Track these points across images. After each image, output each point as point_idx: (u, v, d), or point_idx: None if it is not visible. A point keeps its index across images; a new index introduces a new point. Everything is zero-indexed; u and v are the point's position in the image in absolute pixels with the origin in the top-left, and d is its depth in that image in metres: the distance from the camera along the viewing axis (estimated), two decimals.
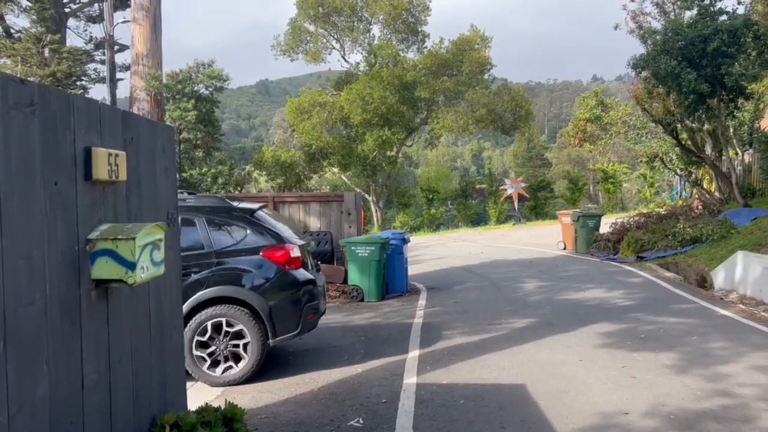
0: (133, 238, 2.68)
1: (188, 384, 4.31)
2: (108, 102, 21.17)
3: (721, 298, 9.37)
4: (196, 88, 20.98)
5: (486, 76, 26.61)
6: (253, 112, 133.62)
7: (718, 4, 15.65)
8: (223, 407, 3.57)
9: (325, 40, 27.17)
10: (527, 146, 63.58)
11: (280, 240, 6.47)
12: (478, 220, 34.46)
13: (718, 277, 10.32)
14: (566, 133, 34.02)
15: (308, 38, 26.82)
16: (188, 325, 5.91)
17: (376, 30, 27.22)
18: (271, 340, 6.16)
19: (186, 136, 20.88)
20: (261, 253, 6.31)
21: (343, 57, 27.90)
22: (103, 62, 24.18)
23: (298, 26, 26.43)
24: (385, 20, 26.03)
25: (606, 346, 6.77)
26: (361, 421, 4.71)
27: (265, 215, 6.69)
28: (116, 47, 22.06)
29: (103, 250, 2.69)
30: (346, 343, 7.46)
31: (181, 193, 6.36)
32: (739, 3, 17.39)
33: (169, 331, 3.43)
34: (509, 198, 33.97)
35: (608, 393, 5.17)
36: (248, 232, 6.41)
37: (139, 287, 2.99)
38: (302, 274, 6.50)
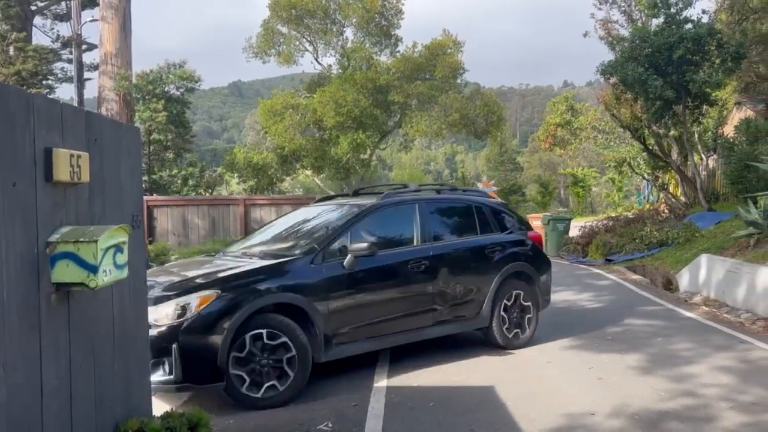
0: (95, 241, 2.63)
1: (154, 389, 4.25)
2: (75, 102, 20.75)
3: (686, 300, 9.57)
4: (166, 89, 20.68)
5: (459, 81, 26.75)
6: (225, 113, 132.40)
7: (684, 13, 16.05)
8: (189, 413, 3.52)
9: (297, 43, 27.02)
10: (499, 150, 64.16)
11: (529, 226, 7.77)
12: None
13: (683, 279, 10.55)
14: (537, 137, 34.46)
15: (281, 40, 26.63)
16: (496, 296, 6.76)
17: (349, 33, 27.20)
18: (540, 311, 7.24)
19: (156, 138, 20.57)
20: (529, 236, 7.43)
21: (316, 59, 27.79)
22: (70, 61, 23.73)
23: (271, 28, 26.23)
24: (358, 23, 26.01)
25: (574, 348, 6.86)
26: (330, 425, 4.69)
27: None
28: (84, 46, 21.66)
29: (63, 253, 2.63)
30: None
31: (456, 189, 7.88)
32: (703, 12, 17.88)
33: (133, 335, 3.37)
34: None
35: (575, 394, 5.24)
36: (513, 219, 7.49)
37: (102, 291, 2.93)
38: None
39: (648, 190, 28.11)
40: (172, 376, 4.80)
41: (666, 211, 19.52)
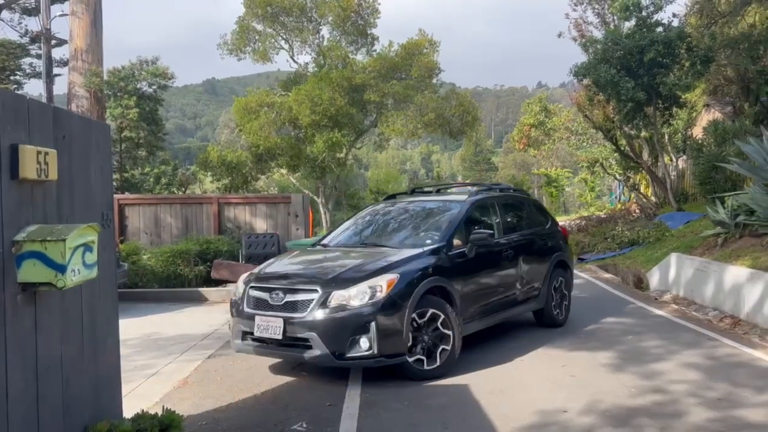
0: (64, 240, 2.58)
1: (127, 389, 4.18)
2: (44, 98, 20.31)
3: (656, 298, 9.75)
4: (138, 86, 20.32)
5: (434, 81, 26.79)
6: (199, 111, 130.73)
7: (655, 16, 16.33)
8: (160, 414, 3.47)
9: (273, 40, 26.75)
10: (474, 150, 64.65)
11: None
12: None
13: (654, 278, 10.73)
14: (512, 138, 34.74)
15: (256, 38, 26.35)
16: (550, 281, 7.77)
17: (325, 31, 27.06)
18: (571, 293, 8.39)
19: (128, 135, 20.22)
20: (560, 228, 8.59)
21: (292, 57, 27.55)
22: (39, 57, 23.20)
23: (246, 25, 25.95)
24: (335, 22, 25.89)
25: (546, 346, 6.93)
26: (305, 425, 4.67)
27: None
28: (53, 42, 21.19)
29: (30, 252, 2.57)
30: None
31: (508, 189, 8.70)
32: (674, 16, 18.25)
33: (103, 336, 3.31)
34: None
35: (548, 392, 5.29)
36: (547, 216, 8.56)
37: (71, 291, 2.88)
38: None
39: (620, 191, 28.57)
40: (370, 351, 5.37)
41: (637, 210, 19.86)
